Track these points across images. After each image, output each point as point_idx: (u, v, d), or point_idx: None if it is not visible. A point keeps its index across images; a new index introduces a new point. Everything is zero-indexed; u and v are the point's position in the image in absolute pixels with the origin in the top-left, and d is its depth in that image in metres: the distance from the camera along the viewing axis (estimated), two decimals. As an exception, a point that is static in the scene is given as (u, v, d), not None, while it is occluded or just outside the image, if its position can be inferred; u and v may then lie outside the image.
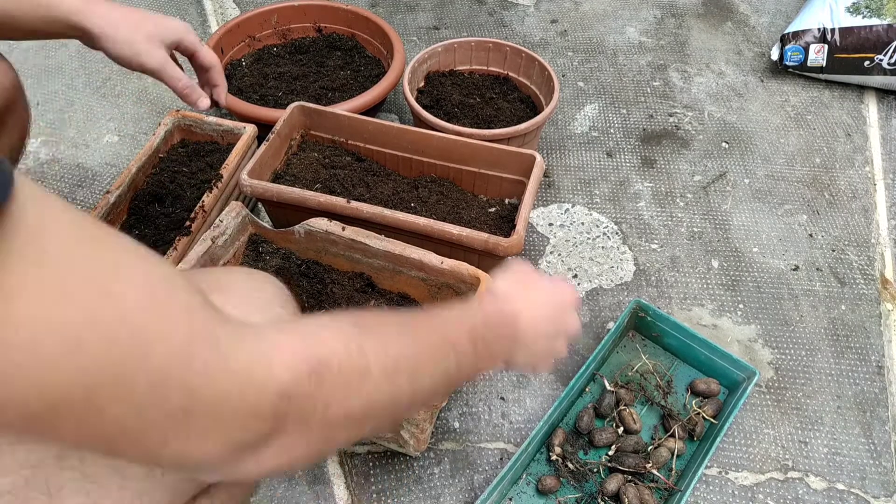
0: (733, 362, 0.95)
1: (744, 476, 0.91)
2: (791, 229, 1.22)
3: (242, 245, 1.01)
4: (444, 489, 0.89)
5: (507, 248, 0.93)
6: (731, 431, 0.95)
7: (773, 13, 1.69)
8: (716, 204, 1.25)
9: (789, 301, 1.11)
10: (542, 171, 1.04)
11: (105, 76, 1.45)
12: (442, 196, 1.07)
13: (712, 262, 1.16)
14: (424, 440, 0.84)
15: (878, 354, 1.04)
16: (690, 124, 1.40)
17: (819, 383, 1.01)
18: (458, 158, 1.09)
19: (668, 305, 1.09)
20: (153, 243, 1.03)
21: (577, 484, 0.88)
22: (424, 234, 0.95)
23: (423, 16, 1.66)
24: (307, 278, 0.98)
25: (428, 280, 0.95)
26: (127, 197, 1.07)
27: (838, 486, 0.90)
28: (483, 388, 0.99)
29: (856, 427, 0.96)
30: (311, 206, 0.97)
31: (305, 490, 0.88)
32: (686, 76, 1.52)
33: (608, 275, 1.13)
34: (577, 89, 1.48)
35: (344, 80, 1.33)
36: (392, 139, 1.10)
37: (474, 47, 1.32)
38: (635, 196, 1.26)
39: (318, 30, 1.44)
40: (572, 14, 1.68)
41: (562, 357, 0.71)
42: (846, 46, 1.41)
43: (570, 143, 1.36)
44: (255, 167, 1.02)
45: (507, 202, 1.10)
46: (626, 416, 0.92)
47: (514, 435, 0.94)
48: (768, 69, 1.53)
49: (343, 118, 1.10)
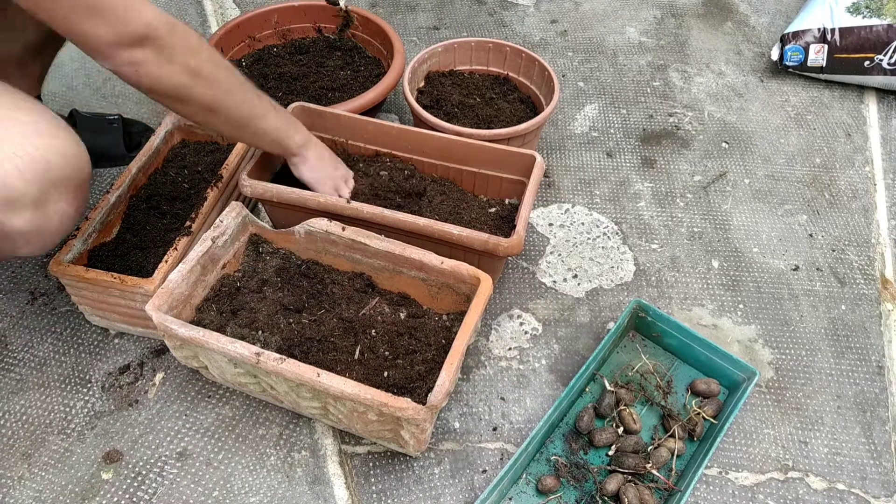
0: (733, 362, 0.95)
1: (744, 476, 0.91)
2: (791, 229, 1.22)
3: (242, 245, 1.01)
4: (444, 489, 0.89)
5: (507, 249, 0.93)
6: (731, 431, 0.95)
7: (773, 13, 1.69)
8: (716, 204, 1.25)
9: (789, 301, 1.11)
10: (543, 172, 1.04)
11: (105, 76, 1.45)
12: (443, 196, 1.07)
13: (712, 262, 1.16)
14: (424, 440, 0.84)
15: (878, 354, 1.04)
16: (690, 124, 1.40)
17: (819, 383, 1.01)
18: (458, 159, 1.09)
19: (668, 305, 1.09)
20: (153, 243, 1.03)
21: (576, 484, 0.88)
22: (425, 234, 0.95)
23: (423, 16, 1.66)
24: (307, 278, 0.98)
25: (428, 280, 0.95)
26: (127, 197, 1.07)
27: (838, 486, 0.90)
28: (483, 388, 0.99)
29: (856, 427, 0.96)
30: (312, 206, 0.97)
31: (305, 490, 0.88)
32: (686, 76, 1.52)
33: (608, 275, 1.13)
34: (577, 89, 1.48)
35: (344, 81, 1.33)
36: (392, 139, 1.10)
37: (474, 47, 1.32)
38: (635, 196, 1.26)
39: (318, 30, 1.44)
40: (572, 14, 1.68)
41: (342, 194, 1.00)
42: (846, 46, 1.41)
43: (570, 143, 1.36)
44: (255, 168, 1.02)
45: (507, 202, 1.10)
46: (626, 416, 0.92)
47: (514, 435, 0.94)
48: (768, 69, 1.53)
49: (343, 118, 1.10)
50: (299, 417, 0.95)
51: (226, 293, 0.96)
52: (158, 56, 0.74)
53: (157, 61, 0.74)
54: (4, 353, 1.01)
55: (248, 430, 0.94)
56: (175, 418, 0.94)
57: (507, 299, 1.09)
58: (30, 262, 1.11)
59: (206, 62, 0.79)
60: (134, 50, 0.72)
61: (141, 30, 0.71)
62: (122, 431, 0.93)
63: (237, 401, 0.96)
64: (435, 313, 0.96)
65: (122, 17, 0.69)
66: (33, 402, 0.95)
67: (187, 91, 0.79)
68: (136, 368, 0.99)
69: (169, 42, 0.74)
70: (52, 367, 0.99)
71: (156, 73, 0.75)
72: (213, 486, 0.88)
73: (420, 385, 0.86)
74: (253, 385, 0.88)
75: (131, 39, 0.71)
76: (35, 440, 0.92)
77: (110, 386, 0.97)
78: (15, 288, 1.08)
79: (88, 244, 0.99)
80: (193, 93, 0.80)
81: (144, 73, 0.74)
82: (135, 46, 0.72)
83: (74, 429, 0.93)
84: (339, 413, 0.84)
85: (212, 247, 0.93)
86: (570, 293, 1.11)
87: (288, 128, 0.95)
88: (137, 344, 1.02)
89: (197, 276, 0.92)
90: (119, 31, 0.70)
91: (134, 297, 0.92)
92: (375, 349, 0.90)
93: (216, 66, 0.82)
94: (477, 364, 1.01)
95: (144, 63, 0.73)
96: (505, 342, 1.04)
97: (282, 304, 0.95)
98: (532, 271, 1.13)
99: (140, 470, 0.89)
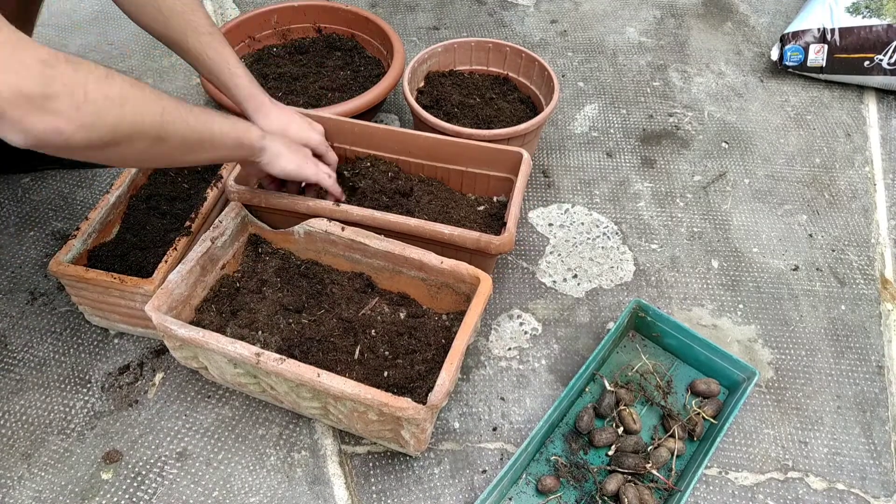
0: (733, 362, 0.95)
1: (744, 476, 0.91)
2: (791, 229, 1.22)
3: (242, 245, 1.01)
4: (444, 489, 0.89)
5: (498, 246, 0.93)
6: (731, 431, 0.95)
7: (772, 13, 1.69)
8: (716, 204, 1.25)
9: (789, 301, 1.11)
10: (530, 168, 1.03)
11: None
12: (430, 196, 1.07)
13: (712, 263, 1.16)
14: (425, 440, 0.84)
15: (878, 354, 1.04)
16: (690, 124, 1.40)
17: (819, 383, 1.01)
18: (444, 158, 1.09)
19: (668, 305, 1.09)
20: (153, 243, 1.03)
21: (576, 484, 0.88)
22: (416, 234, 0.95)
23: (423, 16, 1.66)
24: (307, 279, 0.98)
25: (427, 280, 0.95)
26: (126, 197, 1.07)
27: (838, 486, 0.90)
28: (483, 388, 0.99)
29: (856, 427, 0.96)
30: (301, 210, 0.97)
31: (305, 490, 0.88)
32: (686, 76, 1.52)
33: (608, 275, 1.13)
34: (576, 89, 1.48)
35: (344, 81, 1.33)
36: (378, 140, 1.10)
37: (474, 47, 1.32)
38: (635, 196, 1.26)
39: (317, 30, 1.44)
40: (572, 14, 1.68)
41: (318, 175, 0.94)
42: (846, 46, 1.41)
43: (570, 143, 1.36)
44: (243, 172, 1.00)
45: (495, 200, 1.10)
46: (626, 416, 0.92)
47: (514, 435, 0.94)
48: (768, 69, 1.53)
49: (329, 122, 1.08)
50: (299, 417, 0.95)
51: (225, 293, 0.96)
52: (73, 98, 0.59)
53: (75, 104, 0.60)
54: (4, 353, 1.01)
55: (247, 430, 0.94)
56: (175, 418, 0.94)
57: (506, 299, 1.09)
58: (30, 262, 1.11)
59: (127, 87, 0.66)
60: (45, 102, 0.58)
61: (37, 70, 0.57)
62: (122, 431, 0.93)
63: (237, 401, 0.96)
64: (435, 313, 0.96)
65: (9, 57, 0.56)
66: (33, 403, 0.95)
67: (128, 125, 0.65)
68: (136, 368, 0.99)
69: (78, 78, 0.60)
70: (52, 367, 0.99)
71: (80, 120, 0.60)
72: (213, 486, 0.88)
73: (420, 385, 0.86)
74: (253, 385, 0.88)
75: (31, 87, 0.57)
76: (35, 440, 0.92)
77: (110, 386, 0.97)
78: (15, 288, 1.08)
79: (88, 244, 0.99)
80: (134, 125, 0.66)
81: (66, 124, 0.59)
82: (43, 98, 0.57)
83: (74, 429, 0.93)
84: (339, 413, 0.84)
85: (211, 247, 0.93)
86: (569, 293, 1.11)
87: (239, 123, 0.84)
88: (137, 344, 1.02)
89: (196, 276, 0.92)
90: (13, 79, 0.55)
91: (134, 298, 0.92)
92: (375, 349, 0.90)
93: (140, 88, 0.68)
94: (477, 364, 1.01)
95: (64, 112, 0.59)
96: (505, 342, 1.04)
97: (281, 305, 0.95)
98: (532, 271, 1.13)
99: (140, 470, 0.89)
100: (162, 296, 0.86)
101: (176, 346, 0.86)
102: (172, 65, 1.51)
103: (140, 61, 1.52)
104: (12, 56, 0.56)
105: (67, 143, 0.61)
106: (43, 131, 0.59)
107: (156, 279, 0.91)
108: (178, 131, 0.72)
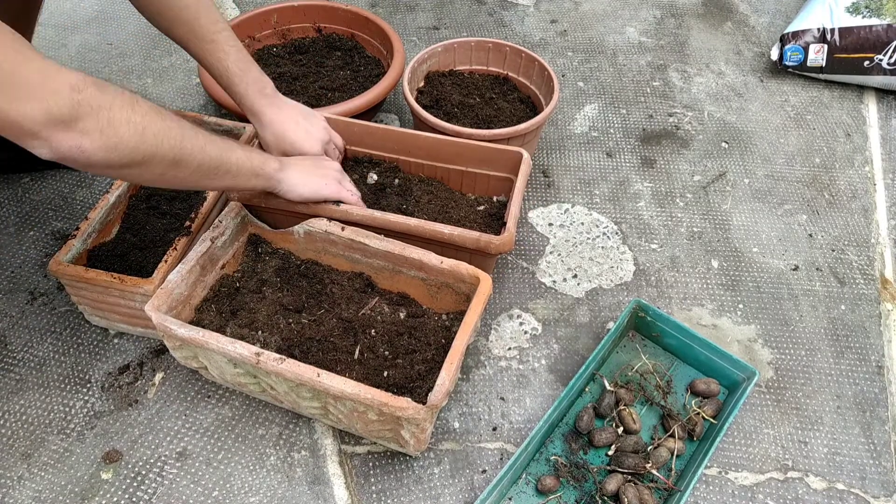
0: (733, 362, 0.95)
1: (744, 476, 0.91)
2: (791, 229, 1.22)
3: (242, 245, 1.01)
4: (444, 489, 0.89)
5: (498, 246, 0.93)
6: (731, 431, 0.95)
7: (772, 13, 1.69)
8: (716, 204, 1.25)
9: (789, 301, 1.11)
10: (530, 168, 1.03)
11: (104, 76, 1.45)
12: (430, 196, 1.07)
13: (712, 262, 1.16)
14: (425, 440, 0.84)
15: (877, 354, 1.04)
16: (690, 124, 1.40)
17: (819, 383, 1.01)
18: (444, 158, 1.09)
19: (667, 305, 1.09)
20: (153, 243, 1.03)
21: (576, 484, 0.88)
22: (416, 234, 0.95)
23: (422, 16, 1.66)
24: (307, 278, 0.98)
25: (427, 280, 0.95)
26: (126, 196, 1.07)
27: (838, 486, 0.90)
28: (483, 387, 0.99)
29: (856, 427, 0.96)
30: (301, 210, 0.97)
31: (305, 490, 0.88)
32: (686, 76, 1.52)
33: (608, 275, 1.13)
34: (576, 89, 1.48)
35: (343, 81, 1.33)
36: (378, 140, 1.10)
37: (474, 47, 1.32)
38: (635, 196, 1.26)
39: (317, 30, 1.44)
40: (572, 14, 1.68)
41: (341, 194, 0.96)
42: (846, 46, 1.41)
43: (570, 143, 1.36)
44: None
45: (495, 200, 1.10)
46: (626, 416, 0.92)
47: (514, 435, 0.94)
48: (768, 69, 1.53)
49: (329, 121, 1.08)
50: (299, 417, 0.95)
51: (225, 293, 0.96)
52: (97, 120, 0.65)
53: (99, 126, 0.65)
54: (4, 353, 1.01)
55: (247, 430, 0.94)
56: (175, 418, 0.94)
57: (506, 299, 1.09)
58: (30, 262, 1.11)
59: (150, 113, 0.70)
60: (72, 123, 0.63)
61: (67, 95, 0.62)
62: (122, 431, 0.93)
63: (237, 401, 0.96)
64: (434, 313, 0.96)
65: (42, 84, 0.61)
66: (33, 402, 0.95)
67: (147, 149, 0.70)
68: (136, 368, 0.99)
69: (104, 102, 0.65)
70: (52, 367, 0.99)
71: (102, 141, 0.66)
72: (213, 486, 0.88)
73: (420, 385, 0.86)
74: (253, 385, 0.88)
75: (61, 110, 0.62)
76: (35, 440, 0.92)
77: (110, 386, 0.97)
78: (15, 288, 1.08)
79: (88, 244, 0.99)
80: (153, 149, 0.71)
81: (89, 144, 0.65)
82: (71, 120, 0.63)
83: (74, 429, 0.93)
84: (339, 413, 0.84)
85: (211, 247, 0.93)
86: (569, 293, 1.11)
87: (254, 154, 0.87)
88: (137, 344, 1.02)
89: (196, 276, 0.92)
90: (46, 104, 0.61)
91: (133, 297, 0.92)
92: (375, 349, 0.90)
93: (162, 116, 0.72)
94: (477, 364, 1.01)
95: (89, 133, 0.64)
96: (505, 342, 1.04)
97: (281, 305, 0.95)
98: (532, 271, 1.13)
99: (140, 470, 0.89)
100: (162, 296, 0.86)
101: (176, 345, 0.86)
102: (172, 65, 1.51)
103: (140, 61, 1.52)
104: (44, 84, 0.62)
105: (89, 160, 0.66)
106: (68, 149, 0.64)
107: (155, 279, 0.91)
108: (195, 158, 0.76)
